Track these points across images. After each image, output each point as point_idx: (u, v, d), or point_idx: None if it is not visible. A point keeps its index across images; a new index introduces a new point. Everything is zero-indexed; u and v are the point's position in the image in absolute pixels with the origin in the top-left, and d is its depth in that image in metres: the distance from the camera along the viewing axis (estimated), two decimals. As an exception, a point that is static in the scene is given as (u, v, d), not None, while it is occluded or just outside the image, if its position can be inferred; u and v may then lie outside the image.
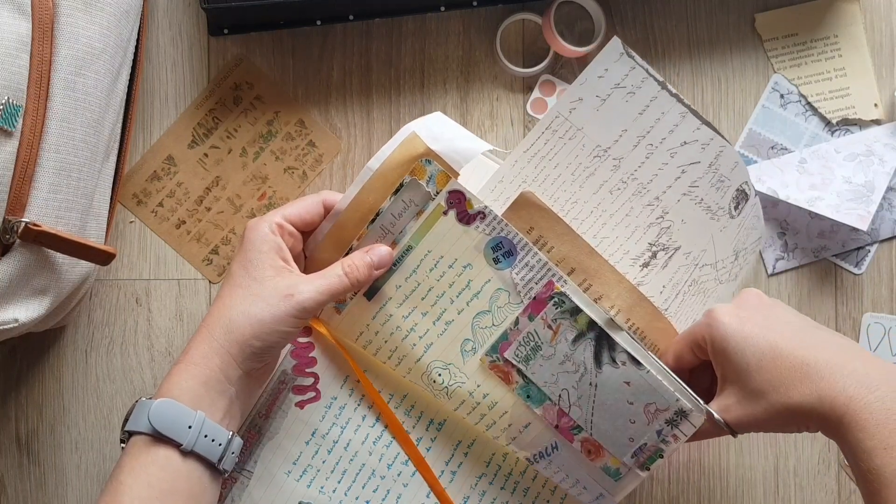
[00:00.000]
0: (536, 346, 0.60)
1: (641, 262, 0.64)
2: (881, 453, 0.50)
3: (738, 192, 0.65)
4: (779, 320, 0.57)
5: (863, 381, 0.52)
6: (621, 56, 0.62)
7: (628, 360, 0.59)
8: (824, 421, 0.53)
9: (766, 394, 0.55)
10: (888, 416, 0.50)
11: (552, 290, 0.60)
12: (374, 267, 0.60)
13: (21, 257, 0.56)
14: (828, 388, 0.52)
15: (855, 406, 0.51)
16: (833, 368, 0.53)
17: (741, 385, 0.56)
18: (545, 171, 0.63)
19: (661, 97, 0.63)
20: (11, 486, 0.70)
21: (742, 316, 0.57)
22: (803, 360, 0.54)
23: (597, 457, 0.61)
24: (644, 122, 0.63)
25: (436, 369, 0.62)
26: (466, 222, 0.60)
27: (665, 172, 0.64)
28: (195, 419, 0.55)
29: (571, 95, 0.62)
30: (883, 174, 0.72)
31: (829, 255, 0.74)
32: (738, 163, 0.65)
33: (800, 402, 0.53)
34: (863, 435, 0.50)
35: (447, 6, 0.71)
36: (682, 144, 0.64)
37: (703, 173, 0.64)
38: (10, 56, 0.54)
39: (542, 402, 0.61)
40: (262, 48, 0.72)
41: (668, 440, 0.60)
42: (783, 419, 0.55)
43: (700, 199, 0.65)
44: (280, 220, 0.60)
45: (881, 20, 0.75)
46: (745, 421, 0.57)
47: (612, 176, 0.64)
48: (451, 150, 0.60)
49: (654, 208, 0.64)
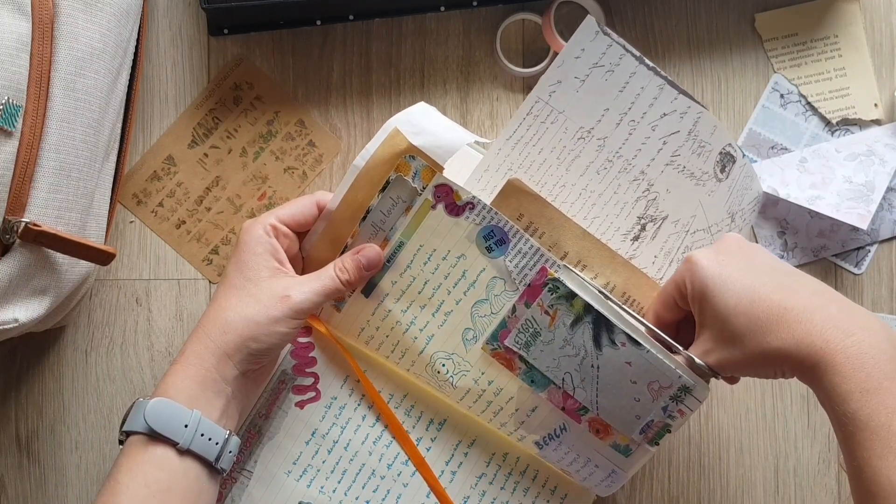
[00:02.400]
0: (535, 332, 0.61)
1: (632, 237, 0.64)
2: (856, 397, 0.50)
3: (723, 154, 0.65)
4: (758, 264, 0.57)
5: (839, 326, 0.52)
6: (597, 34, 0.61)
7: (628, 342, 0.59)
8: (800, 365, 0.52)
9: (744, 338, 0.54)
10: (863, 361, 0.50)
11: (546, 277, 0.60)
12: (365, 268, 0.60)
13: (21, 257, 0.56)
14: (804, 333, 0.52)
15: (831, 350, 0.51)
16: (810, 313, 0.53)
17: (719, 329, 0.56)
18: (530, 157, 0.63)
19: (639, 72, 0.63)
20: (11, 486, 0.70)
21: (721, 260, 0.57)
22: (781, 305, 0.54)
23: (605, 435, 0.62)
24: (625, 99, 0.63)
25: (439, 360, 0.63)
26: (456, 214, 0.60)
27: (648, 146, 0.64)
28: (191, 418, 0.55)
29: (550, 79, 0.62)
30: (883, 174, 0.72)
31: (828, 255, 0.74)
32: (716, 126, 0.65)
33: (777, 347, 0.53)
34: (838, 379, 0.50)
35: (447, 6, 0.71)
36: (661, 116, 0.64)
37: (683, 141, 0.64)
38: (10, 56, 0.54)
39: (546, 387, 0.61)
40: (262, 48, 0.72)
41: (674, 415, 0.60)
42: (760, 363, 0.55)
43: (683, 167, 0.65)
44: (274, 222, 0.60)
45: (881, 20, 0.75)
46: (724, 364, 0.56)
47: (597, 156, 0.64)
48: (433, 144, 0.59)
49: (640, 182, 0.64)
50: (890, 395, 0.49)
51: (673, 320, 0.61)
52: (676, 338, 0.61)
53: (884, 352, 0.51)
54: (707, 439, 0.73)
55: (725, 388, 0.73)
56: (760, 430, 0.73)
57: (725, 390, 0.73)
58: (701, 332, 0.58)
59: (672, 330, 0.62)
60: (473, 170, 0.62)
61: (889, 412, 0.49)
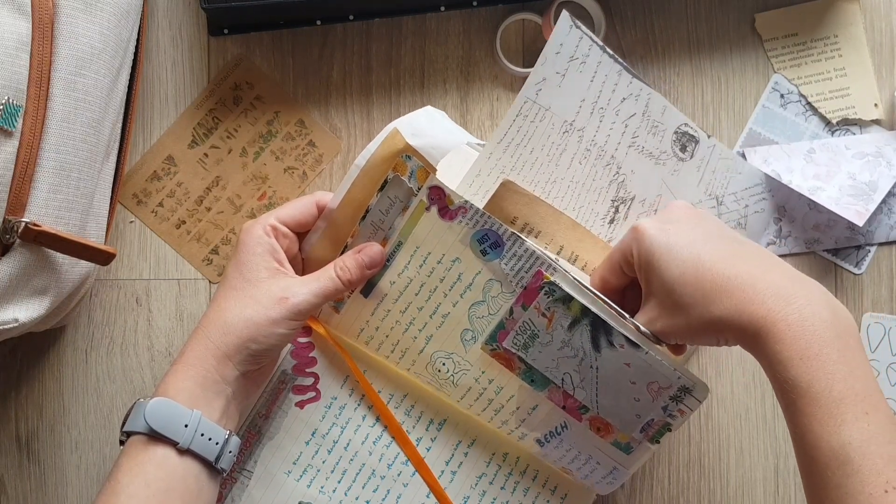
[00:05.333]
0: (533, 333, 0.61)
1: (608, 220, 0.66)
2: (797, 363, 0.50)
3: (680, 134, 0.67)
4: (704, 232, 0.57)
5: (781, 294, 0.52)
6: (571, 28, 0.63)
7: (626, 343, 0.59)
8: (742, 334, 0.52)
9: (688, 307, 0.54)
10: (804, 328, 0.50)
11: (542, 280, 0.60)
12: (367, 267, 0.60)
13: (21, 257, 0.56)
14: (747, 301, 0.52)
15: (772, 319, 0.51)
16: (752, 282, 0.53)
17: (664, 297, 0.56)
18: (521, 157, 0.64)
19: (604, 61, 0.65)
20: (11, 486, 0.70)
21: (667, 228, 0.57)
22: (724, 274, 0.53)
23: (606, 433, 0.62)
24: (595, 88, 0.65)
25: (439, 359, 0.63)
26: (449, 218, 0.60)
27: (614, 131, 0.66)
28: (191, 418, 0.55)
29: (536, 77, 0.63)
30: (888, 177, 0.72)
31: (819, 250, 0.74)
32: (665, 107, 0.67)
33: (719, 316, 0.53)
34: (779, 346, 0.50)
35: (447, 6, 0.71)
36: (622, 101, 0.66)
37: (639, 123, 0.67)
38: (10, 56, 0.54)
39: (546, 386, 0.61)
40: (262, 48, 0.72)
41: (674, 415, 0.60)
42: (704, 332, 0.55)
43: (641, 147, 0.67)
44: (274, 222, 0.60)
45: (881, 20, 0.75)
46: (669, 332, 0.57)
47: (578, 147, 0.65)
48: (430, 145, 0.60)
49: (611, 166, 0.66)
50: (829, 361, 0.49)
51: (619, 286, 0.61)
52: (622, 303, 0.61)
53: (824, 319, 0.51)
54: (707, 439, 0.73)
55: (725, 388, 0.73)
56: (760, 430, 0.73)
57: (725, 390, 0.73)
58: (647, 300, 0.58)
59: (618, 295, 0.62)
60: (465, 174, 0.63)
61: (828, 378, 0.49)
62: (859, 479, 0.47)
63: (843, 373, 0.49)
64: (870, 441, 0.48)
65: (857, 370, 0.50)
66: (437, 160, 0.60)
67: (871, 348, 0.74)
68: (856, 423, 0.48)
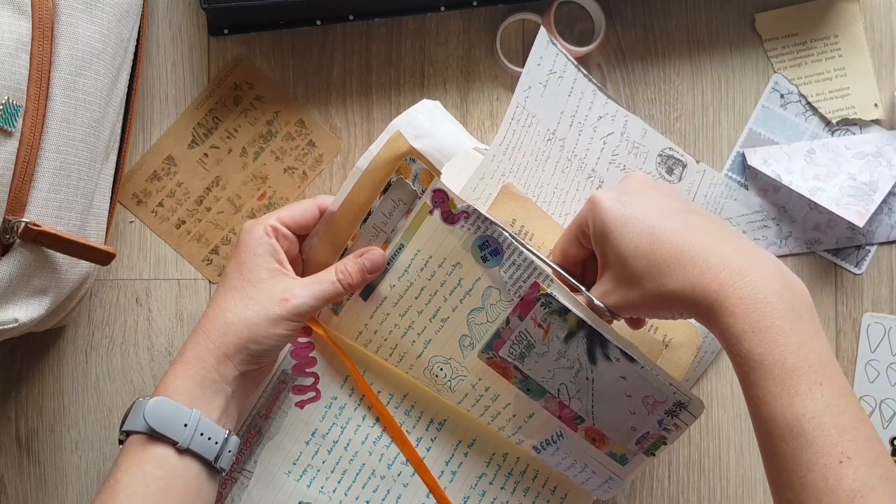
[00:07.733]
0: (530, 344, 0.60)
1: None
2: (750, 336, 0.49)
3: (665, 157, 0.67)
4: (661, 205, 0.56)
5: (733, 268, 0.51)
6: (548, 45, 0.64)
7: (622, 357, 0.59)
8: (695, 307, 0.52)
9: (642, 280, 0.54)
10: (755, 300, 0.50)
11: (538, 292, 0.59)
12: (368, 271, 0.60)
13: (21, 257, 0.56)
14: (699, 274, 0.52)
15: (724, 292, 0.51)
16: (706, 255, 0.52)
17: (619, 270, 0.55)
18: (517, 160, 0.65)
19: (578, 78, 0.66)
20: (11, 486, 0.70)
21: (623, 200, 0.56)
22: (678, 247, 0.53)
23: (602, 444, 0.62)
24: (572, 103, 0.67)
25: (437, 364, 0.62)
26: (451, 222, 0.60)
27: (593, 145, 0.68)
28: (191, 417, 0.55)
29: (523, 85, 0.64)
30: (889, 177, 0.72)
31: (819, 250, 0.74)
32: (645, 130, 0.68)
33: (672, 289, 0.53)
34: (732, 320, 0.50)
35: (447, 6, 0.71)
36: (598, 119, 0.67)
37: (619, 142, 0.68)
38: (10, 56, 0.54)
39: (542, 396, 0.61)
40: (262, 48, 0.72)
41: (669, 429, 0.60)
42: (657, 305, 0.54)
43: (623, 165, 0.68)
44: (275, 223, 0.60)
45: (881, 20, 0.75)
46: (623, 305, 0.56)
47: (560, 156, 0.67)
48: (433, 147, 0.59)
49: (593, 179, 0.68)
50: (782, 333, 0.49)
51: (579, 257, 0.61)
52: (583, 275, 0.60)
53: (776, 292, 0.50)
54: (707, 439, 0.73)
55: (725, 388, 0.73)
56: (760, 431, 0.73)
57: (725, 390, 0.73)
58: (602, 272, 0.58)
59: (578, 267, 0.61)
60: (470, 176, 0.63)
61: (781, 350, 0.49)
62: (813, 451, 0.47)
63: (795, 344, 0.49)
64: (823, 412, 0.48)
65: (811, 342, 0.49)
66: (441, 162, 0.60)
67: (871, 348, 0.74)
68: (809, 394, 0.48)
